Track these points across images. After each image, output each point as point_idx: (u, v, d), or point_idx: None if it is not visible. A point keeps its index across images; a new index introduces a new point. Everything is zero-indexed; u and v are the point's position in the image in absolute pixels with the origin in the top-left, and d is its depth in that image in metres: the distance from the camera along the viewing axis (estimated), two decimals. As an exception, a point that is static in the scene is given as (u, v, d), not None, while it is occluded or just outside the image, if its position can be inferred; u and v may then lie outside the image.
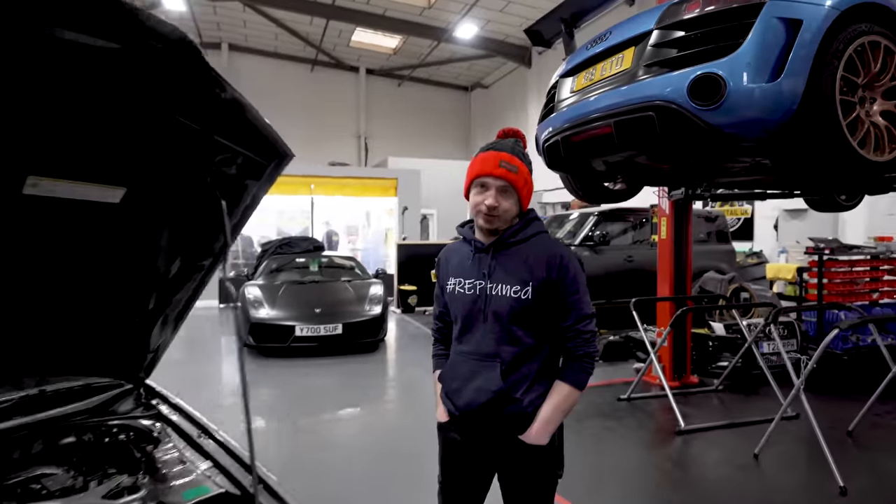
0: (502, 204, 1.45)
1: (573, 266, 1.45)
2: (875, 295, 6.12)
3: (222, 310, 10.03)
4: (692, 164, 2.86)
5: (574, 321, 1.44)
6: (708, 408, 4.46)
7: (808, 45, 1.93)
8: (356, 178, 11.96)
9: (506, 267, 1.48)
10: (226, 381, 5.38)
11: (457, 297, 1.56)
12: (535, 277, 1.44)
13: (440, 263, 1.68)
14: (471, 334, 1.52)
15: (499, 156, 1.46)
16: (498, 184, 1.44)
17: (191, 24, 14.77)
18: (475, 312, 1.50)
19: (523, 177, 1.48)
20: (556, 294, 1.44)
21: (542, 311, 1.45)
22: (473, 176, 1.49)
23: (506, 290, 1.46)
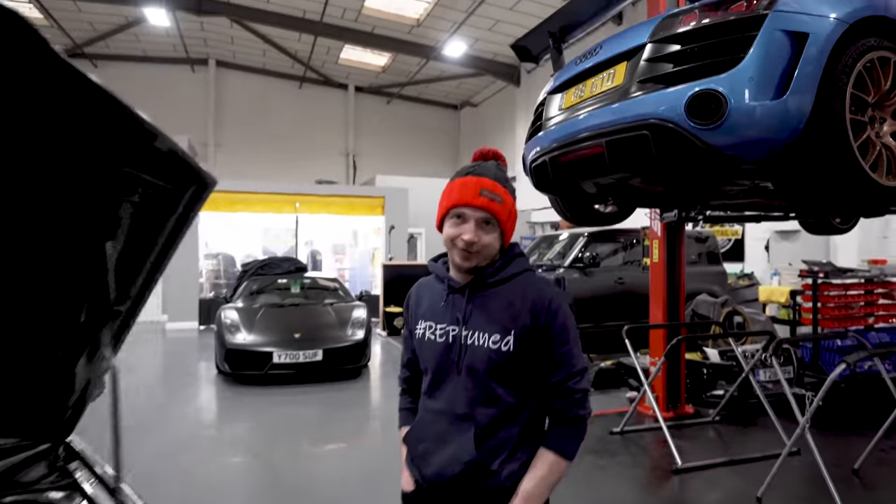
0: (483, 239, 1.23)
1: (563, 312, 1.23)
2: (871, 319, 5.98)
3: (202, 332, 9.69)
4: (687, 187, 2.69)
5: (564, 377, 1.22)
6: (705, 442, 4.24)
7: (816, 60, 1.77)
8: (342, 197, 11.76)
9: (484, 312, 1.26)
10: (197, 414, 5.07)
11: (427, 344, 1.33)
12: (517, 325, 1.22)
13: (409, 302, 1.46)
14: (441, 390, 1.29)
15: (480, 182, 1.25)
16: (478, 216, 1.23)
17: (177, 39, 14.65)
18: (447, 364, 1.28)
19: (507, 208, 1.27)
20: (543, 345, 1.22)
21: (525, 365, 1.23)
22: (450, 205, 1.26)
23: (483, 340, 1.24)
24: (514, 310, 1.23)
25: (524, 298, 1.24)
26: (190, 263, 10.26)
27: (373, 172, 16.32)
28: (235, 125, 16.97)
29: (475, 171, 1.28)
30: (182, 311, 10.11)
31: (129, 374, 6.41)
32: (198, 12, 12.49)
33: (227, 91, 16.93)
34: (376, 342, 8.90)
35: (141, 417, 4.78)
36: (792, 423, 4.21)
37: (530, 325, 1.21)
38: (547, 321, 1.21)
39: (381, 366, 7.25)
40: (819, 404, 2.81)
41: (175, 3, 12.09)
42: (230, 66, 16.82)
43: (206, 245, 12.24)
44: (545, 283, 1.29)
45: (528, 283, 1.28)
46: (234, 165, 16.52)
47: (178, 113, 16.21)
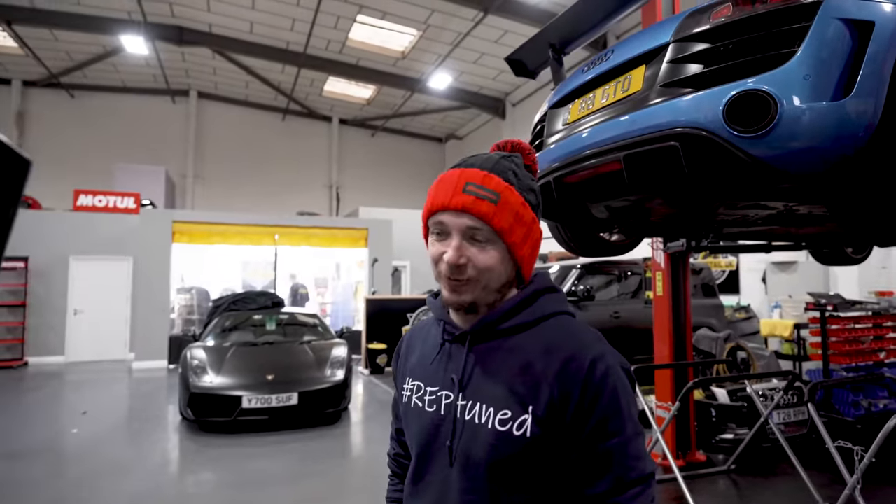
0: (477, 259, 0.83)
1: (613, 382, 0.79)
2: (881, 354, 5.70)
3: (171, 371, 9.07)
4: (714, 210, 2.37)
5: (611, 487, 0.77)
6: (722, 495, 3.83)
7: (884, 54, 1.48)
8: (324, 228, 11.37)
9: (491, 374, 0.85)
10: (154, 469, 4.51)
11: (413, 413, 0.94)
12: (538, 398, 0.80)
13: (399, 351, 1.07)
14: (427, 484, 0.89)
15: (465, 175, 0.85)
16: (460, 223, 0.83)
17: (157, 70, 14.41)
18: (436, 447, 0.88)
19: (510, 210, 0.84)
20: (579, 433, 0.78)
21: (550, 462, 0.80)
22: (426, 212, 0.89)
23: (487, 417, 0.82)
24: (535, 374, 0.81)
25: (551, 356, 0.81)
26: (160, 298, 9.71)
27: (357, 205, 16.03)
28: (216, 157, 16.64)
29: (464, 163, 0.89)
30: (150, 349, 9.49)
31: (83, 419, 5.82)
32: (179, 42, 12.30)
33: (209, 122, 16.66)
34: (358, 382, 8.37)
35: (84, 473, 4.23)
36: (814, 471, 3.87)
37: (559, 400, 0.78)
38: (586, 395, 0.78)
39: (363, 408, 6.73)
40: (872, 461, 2.45)
41: (155, 33, 11.91)
42: (212, 97, 16.60)
43: (181, 279, 11.70)
44: (587, 335, 0.85)
45: (560, 334, 0.85)
46: (215, 198, 16.12)
47: (157, 144, 15.86)
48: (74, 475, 4.28)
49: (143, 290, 9.72)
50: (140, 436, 5.40)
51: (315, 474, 4.32)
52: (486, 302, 0.87)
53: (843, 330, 5.52)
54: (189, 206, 15.89)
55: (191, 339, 6.41)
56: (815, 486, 3.53)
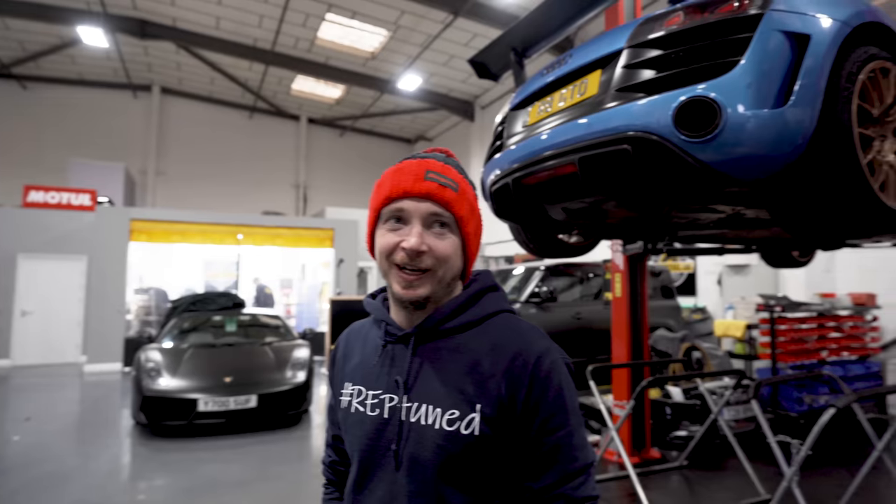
0: (437, 247, 0.82)
1: (557, 377, 0.81)
2: (824, 353, 5.97)
3: (126, 374, 8.76)
4: (666, 212, 2.45)
5: (558, 479, 0.79)
6: (674, 491, 3.94)
7: (819, 66, 1.56)
8: (289, 229, 11.19)
9: (437, 374, 0.84)
10: (104, 475, 4.34)
11: (353, 419, 0.91)
12: (486, 396, 0.80)
13: (336, 355, 1.04)
14: (370, 493, 0.86)
15: (424, 164, 0.86)
16: (424, 209, 0.83)
17: (118, 63, 13.93)
18: (379, 453, 0.86)
19: (467, 201, 0.86)
20: (528, 428, 0.80)
21: (498, 459, 0.81)
22: (381, 201, 0.87)
23: (434, 418, 0.81)
24: (482, 372, 0.81)
25: (498, 354, 0.82)
26: (116, 298, 9.37)
27: (324, 205, 15.85)
28: (179, 154, 16.19)
29: (416, 156, 0.90)
30: (104, 351, 9.14)
31: (26, 426, 5.56)
32: (140, 36, 11.91)
33: (172, 118, 16.20)
34: (320, 384, 8.26)
35: (22, 483, 4.03)
36: (757, 463, 4.02)
37: (507, 397, 0.79)
38: (533, 391, 0.79)
39: (324, 411, 6.64)
40: (809, 454, 2.56)
41: (115, 25, 11.50)
42: (175, 93, 16.15)
43: (139, 279, 11.33)
44: (531, 332, 0.86)
45: (506, 332, 0.85)
46: (177, 196, 15.68)
47: (117, 140, 15.33)
48: (12, 486, 4.04)
49: (98, 290, 9.36)
50: (88, 442, 5.20)
51: (272, 478, 4.24)
52: (437, 298, 0.86)
53: (790, 330, 5.77)
54: (150, 203, 15.40)
55: (147, 341, 6.21)
56: (761, 479, 3.68)
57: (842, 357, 6.16)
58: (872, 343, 6.42)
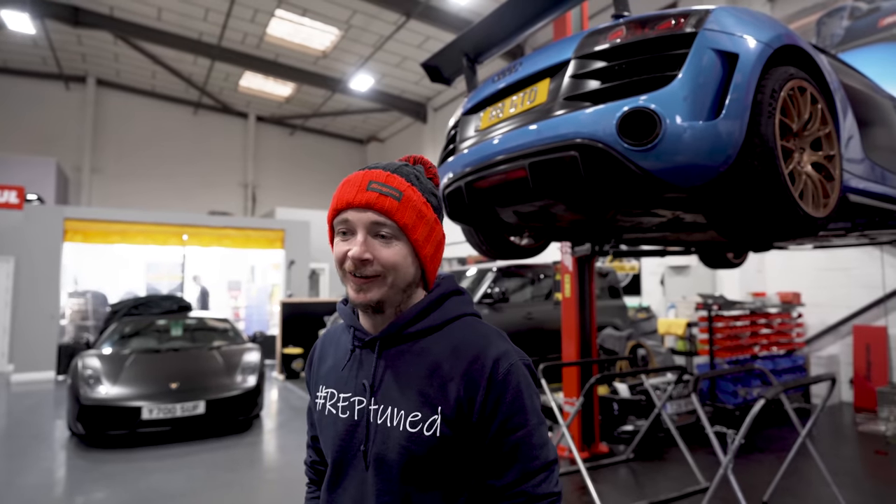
0: (381, 255, 0.85)
1: (516, 378, 0.84)
2: (756, 349, 6.37)
3: (61, 383, 8.26)
4: (611, 217, 2.57)
5: (518, 477, 0.82)
6: (622, 483, 4.11)
7: (747, 83, 1.69)
8: (237, 229, 10.87)
9: (400, 377, 0.87)
10: (36, 491, 4.10)
11: (327, 420, 0.95)
12: (447, 398, 0.83)
13: (312, 358, 1.07)
14: (343, 489, 0.90)
15: (368, 175, 0.88)
16: (367, 218, 0.85)
17: (47, 52, 13.11)
18: (350, 453, 0.89)
19: (413, 208, 0.87)
20: (486, 429, 0.83)
21: (460, 459, 0.84)
22: (331, 212, 0.89)
23: (398, 420, 0.85)
24: (443, 375, 0.84)
25: (457, 357, 0.85)
26: (48, 302, 8.82)
27: (273, 205, 15.49)
28: (118, 150, 15.40)
29: (367, 167, 0.92)
30: (35, 359, 8.58)
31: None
32: (73, 24, 11.26)
33: (109, 113, 15.39)
34: (272, 388, 8.09)
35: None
36: (699, 453, 4.26)
37: (465, 399, 0.82)
38: (491, 393, 0.82)
39: (276, 414, 6.51)
40: (742, 442, 2.74)
41: (44, 10, 10.82)
42: (113, 85, 15.36)
43: (74, 282, 10.71)
44: (491, 334, 0.89)
45: (466, 334, 0.88)
46: (116, 194, 14.93)
47: (47, 134, 14.43)
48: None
49: (28, 293, 8.78)
50: (17, 455, 4.88)
51: (221, 486, 4.13)
52: (393, 302, 0.89)
53: (726, 327, 6.12)
54: (85, 202, 14.58)
55: (84, 347, 5.89)
56: (701, 468, 3.90)
57: (772, 352, 6.60)
58: (798, 338, 6.90)
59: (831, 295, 7.03)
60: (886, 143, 2.47)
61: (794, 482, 3.96)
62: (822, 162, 1.96)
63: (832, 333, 7.06)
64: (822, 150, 1.98)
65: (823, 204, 1.92)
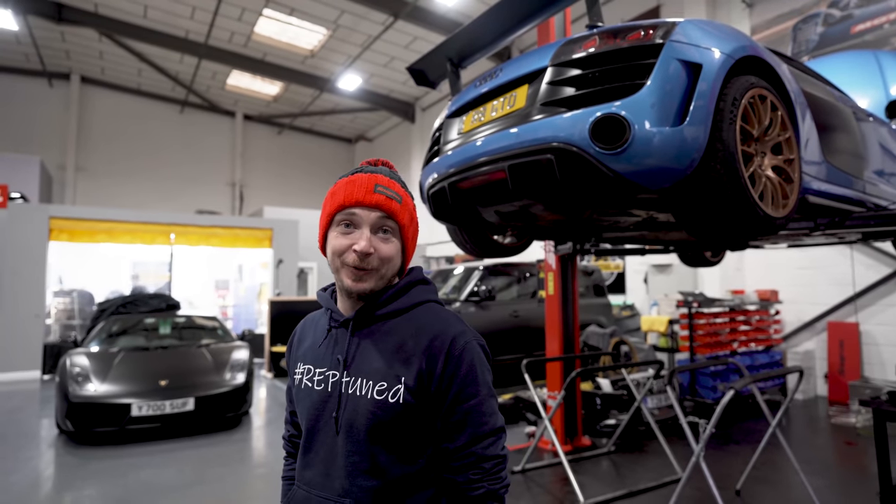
0: (382, 249, 0.98)
1: (470, 354, 0.97)
2: (735, 345, 6.55)
3: (46, 382, 8.23)
4: (587, 217, 2.68)
5: (468, 440, 0.94)
6: (603, 474, 4.23)
7: (710, 91, 1.81)
8: (226, 228, 10.88)
9: (371, 353, 1.00)
10: (26, 488, 4.13)
11: (303, 393, 1.07)
12: (410, 371, 0.95)
13: (292, 340, 1.20)
14: (316, 453, 1.02)
15: (373, 178, 1.01)
16: (374, 217, 0.99)
17: (30, 48, 12.98)
18: (323, 420, 1.02)
19: (408, 211, 1.04)
20: (443, 397, 0.95)
21: (422, 425, 0.97)
22: (335, 207, 1.01)
23: (367, 389, 0.97)
24: (407, 351, 0.97)
25: (420, 336, 0.98)
26: (32, 301, 8.77)
27: (261, 204, 15.47)
28: (103, 149, 15.28)
29: (365, 170, 1.05)
30: (19, 358, 8.54)
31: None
32: (57, 20, 11.17)
33: (94, 111, 15.26)
34: (261, 385, 8.13)
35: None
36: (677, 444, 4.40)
37: (426, 371, 0.95)
38: (448, 366, 0.95)
39: (265, 412, 6.56)
40: (713, 431, 2.88)
41: (26, 6, 10.73)
42: (98, 83, 15.24)
43: (59, 281, 10.64)
44: (450, 318, 1.03)
45: (429, 317, 1.02)
46: (101, 193, 14.83)
47: (30, 131, 14.28)
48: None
49: (11, 292, 8.73)
50: (5, 454, 4.89)
51: (210, 481, 4.19)
52: (378, 290, 1.02)
53: (706, 324, 6.29)
54: (70, 200, 14.46)
55: (71, 346, 5.90)
56: (678, 460, 4.04)
57: (750, 348, 6.79)
58: (776, 335, 7.10)
59: (807, 292, 7.25)
60: (845, 148, 2.61)
61: (766, 472, 4.12)
62: (782, 165, 2.09)
63: (808, 330, 7.28)
64: (782, 154, 2.11)
65: (783, 205, 2.05)
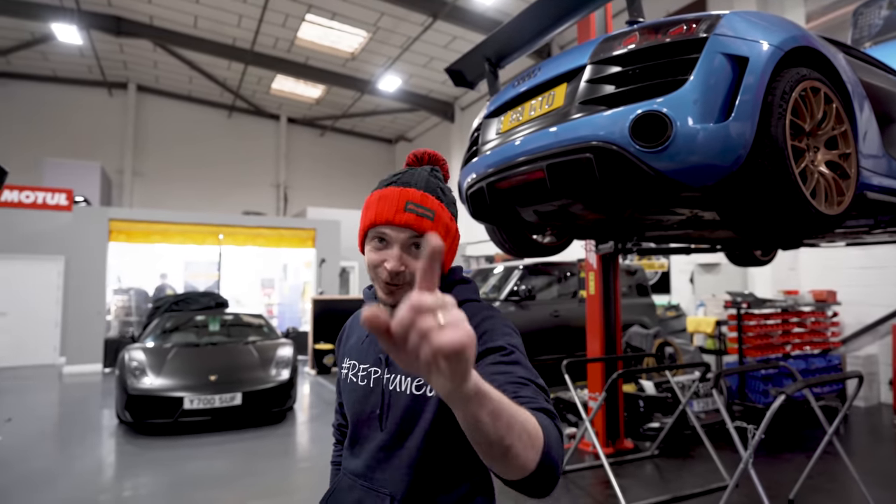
0: (413, 266, 0.97)
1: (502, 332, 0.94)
2: (788, 347, 6.27)
3: (107, 375, 8.72)
4: (629, 216, 2.63)
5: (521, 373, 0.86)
6: (646, 478, 4.14)
7: (756, 85, 1.74)
8: (271, 228, 11.22)
9: None
10: (90, 473, 4.39)
11: (349, 387, 1.11)
12: None
13: (341, 336, 1.25)
14: (360, 446, 1.06)
15: (404, 194, 0.99)
16: (403, 237, 0.97)
17: (93, 61, 13.76)
18: (367, 415, 1.05)
19: (443, 224, 1.00)
20: None
21: None
22: (368, 224, 1.01)
23: (405, 385, 0.99)
24: None
25: None
26: (94, 299, 9.30)
27: (305, 205, 15.84)
28: (157, 153, 16.03)
29: (400, 181, 1.03)
30: (84, 352, 9.08)
31: (8, 426, 5.55)
32: (116, 33, 11.81)
33: (149, 117, 16.03)
34: (304, 382, 8.35)
35: (8, 482, 4.07)
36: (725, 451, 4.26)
37: None
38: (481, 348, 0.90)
39: (309, 408, 6.74)
40: (762, 437, 2.77)
41: (90, 22, 11.38)
42: (153, 91, 15.99)
43: (118, 280, 11.23)
44: (489, 312, 1.01)
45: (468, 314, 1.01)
46: (155, 195, 15.54)
47: (92, 138, 15.12)
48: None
49: (77, 290, 9.29)
50: (72, 441, 5.22)
51: (256, 473, 4.34)
52: None
53: (756, 326, 6.04)
54: (127, 203, 15.23)
55: (129, 341, 6.23)
56: (726, 466, 3.90)
57: (805, 351, 6.47)
58: (833, 338, 6.74)
59: (869, 293, 6.85)
60: (908, 140, 2.46)
61: (822, 481, 3.93)
62: (837, 160, 1.99)
63: (870, 333, 6.87)
64: (836, 149, 2.01)
65: (838, 202, 1.95)
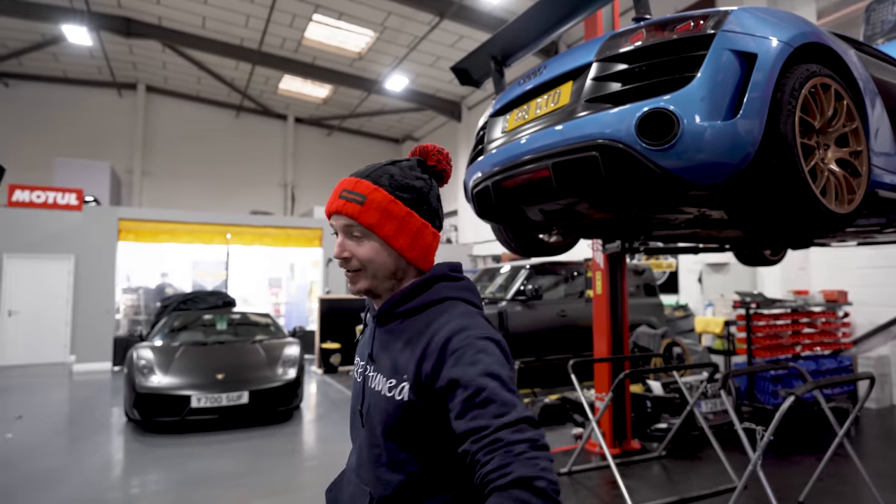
0: (357, 252, 0.99)
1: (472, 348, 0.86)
2: (798, 348, 6.20)
3: (116, 373, 8.79)
4: (635, 215, 2.61)
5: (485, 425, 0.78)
6: (653, 479, 4.11)
7: (765, 82, 1.72)
8: (278, 228, 11.26)
9: (386, 350, 1.02)
10: (98, 471, 4.42)
11: (353, 383, 1.16)
12: (410, 369, 0.93)
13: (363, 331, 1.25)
14: (354, 441, 1.10)
15: (342, 184, 1.03)
16: (340, 223, 1.02)
17: (102, 62, 13.86)
18: (356, 411, 1.09)
19: (379, 208, 0.97)
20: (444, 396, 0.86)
21: (432, 425, 0.91)
22: None
23: (381, 385, 0.99)
24: (412, 347, 0.94)
25: (425, 333, 0.93)
26: (104, 298, 9.38)
27: (312, 204, 15.88)
28: (166, 153, 16.14)
29: (355, 173, 1.06)
30: (93, 350, 9.17)
31: (18, 424, 5.61)
32: (125, 34, 11.89)
33: (158, 117, 16.14)
34: (311, 381, 8.38)
35: (17, 479, 4.11)
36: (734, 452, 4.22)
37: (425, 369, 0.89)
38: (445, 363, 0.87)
39: (315, 407, 6.75)
40: (770, 439, 2.74)
41: (99, 23, 11.46)
42: (161, 91, 16.09)
43: (127, 279, 11.32)
44: (461, 315, 0.94)
45: (439, 315, 0.95)
46: (163, 195, 15.64)
47: (102, 139, 15.25)
48: (8, 481, 4.13)
49: (86, 289, 9.37)
50: (81, 439, 5.26)
51: (263, 472, 4.36)
52: (382, 289, 1.02)
53: (765, 326, 5.98)
54: (136, 203, 15.34)
55: (138, 340, 6.27)
56: (734, 468, 3.86)
57: (815, 352, 6.40)
58: (844, 338, 6.66)
59: (881, 293, 6.76)
60: (921, 138, 2.42)
61: (832, 484, 3.88)
62: (848, 158, 1.96)
63: (882, 334, 6.78)
64: (847, 146, 1.98)
65: (848, 200, 1.92)
